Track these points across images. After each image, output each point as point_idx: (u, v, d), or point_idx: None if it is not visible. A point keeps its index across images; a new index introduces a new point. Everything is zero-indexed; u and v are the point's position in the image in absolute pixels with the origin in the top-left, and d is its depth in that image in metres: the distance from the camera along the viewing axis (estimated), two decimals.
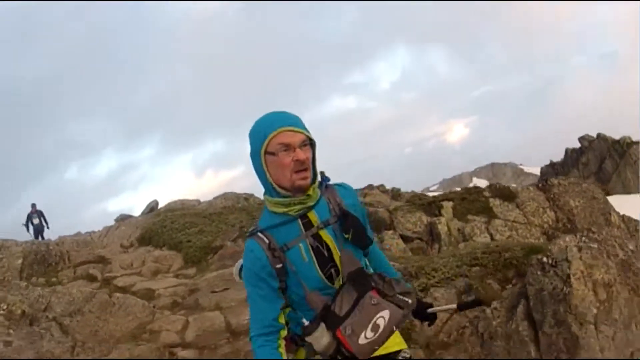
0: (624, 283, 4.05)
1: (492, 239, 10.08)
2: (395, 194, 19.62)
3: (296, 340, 2.01)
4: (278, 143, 1.86)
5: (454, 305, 2.35)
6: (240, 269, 2.17)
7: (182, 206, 18.47)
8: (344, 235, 1.96)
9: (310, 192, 1.93)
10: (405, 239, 10.27)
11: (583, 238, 4.23)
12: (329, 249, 1.95)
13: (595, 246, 3.96)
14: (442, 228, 10.22)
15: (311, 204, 1.95)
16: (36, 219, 19.30)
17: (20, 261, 12.01)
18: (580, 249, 3.90)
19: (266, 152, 1.89)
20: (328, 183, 2.06)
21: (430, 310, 2.22)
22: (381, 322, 1.88)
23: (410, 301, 1.95)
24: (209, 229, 13.12)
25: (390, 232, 10.34)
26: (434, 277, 5.70)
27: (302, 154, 1.86)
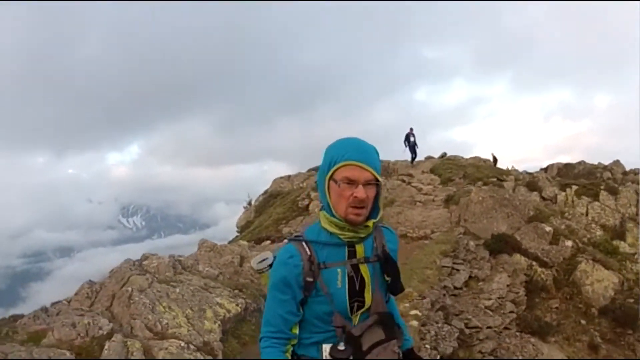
0: (494, 199, 16.15)
1: (587, 211, 19.89)
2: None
3: None
4: (344, 176, 1.93)
5: None
6: (261, 262, 2.23)
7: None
8: (385, 277, 2.08)
9: (370, 223, 2.02)
10: None
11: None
12: (361, 284, 2.03)
13: (488, 190, 16.20)
14: (561, 198, 20.58)
15: (363, 235, 2.03)
16: (412, 138, 23.99)
17: None
18: (480, 189, 16.20)
19: (331, 178, 1.98)
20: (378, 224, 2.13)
21: None
22: None
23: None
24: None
25: None
26: None
27: (363, 193, 1.92)
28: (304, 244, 2.03)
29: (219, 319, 6.04)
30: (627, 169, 28.01)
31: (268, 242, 19.90)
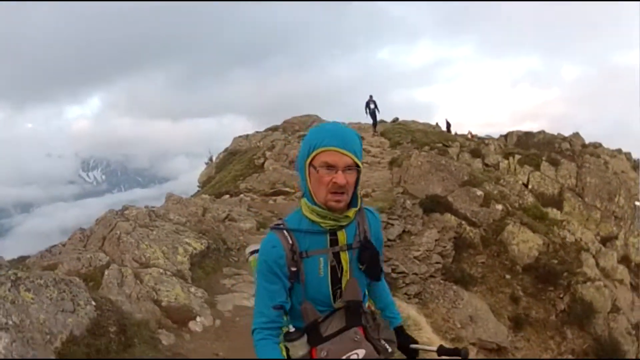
0: (431, 164, 18.31)
1: (528, 180, 20.86)
2: None
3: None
4: (323, 161, 1.92)
5: (434, 348, 2.32)
6: (252, 253, 2.32)
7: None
8: (359, 265, 2.08)
9: (350, 214, 2.01)
10: None
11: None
12: (342, 271, 2.05)
13: (428, 159, 18.37)
14: (504, 166, 22.47)
15: (344, 223, 2.03)
16: (372, 105, 24.89)
17: None
18: (419, 155, 18.37)
19: (310, 164, 1.96)
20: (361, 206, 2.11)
21: (412, 346, 2.31)
22: (354, 358, 2.01)
23: (390, 350, 2.11)
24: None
25: None
26: None
27: (342, 178, 1.90)
28: (285, 232, 2.03)
29: (188, 254, 7.66)
30: (591, 139, 28.51)
31: (227, 196, 21.25)
